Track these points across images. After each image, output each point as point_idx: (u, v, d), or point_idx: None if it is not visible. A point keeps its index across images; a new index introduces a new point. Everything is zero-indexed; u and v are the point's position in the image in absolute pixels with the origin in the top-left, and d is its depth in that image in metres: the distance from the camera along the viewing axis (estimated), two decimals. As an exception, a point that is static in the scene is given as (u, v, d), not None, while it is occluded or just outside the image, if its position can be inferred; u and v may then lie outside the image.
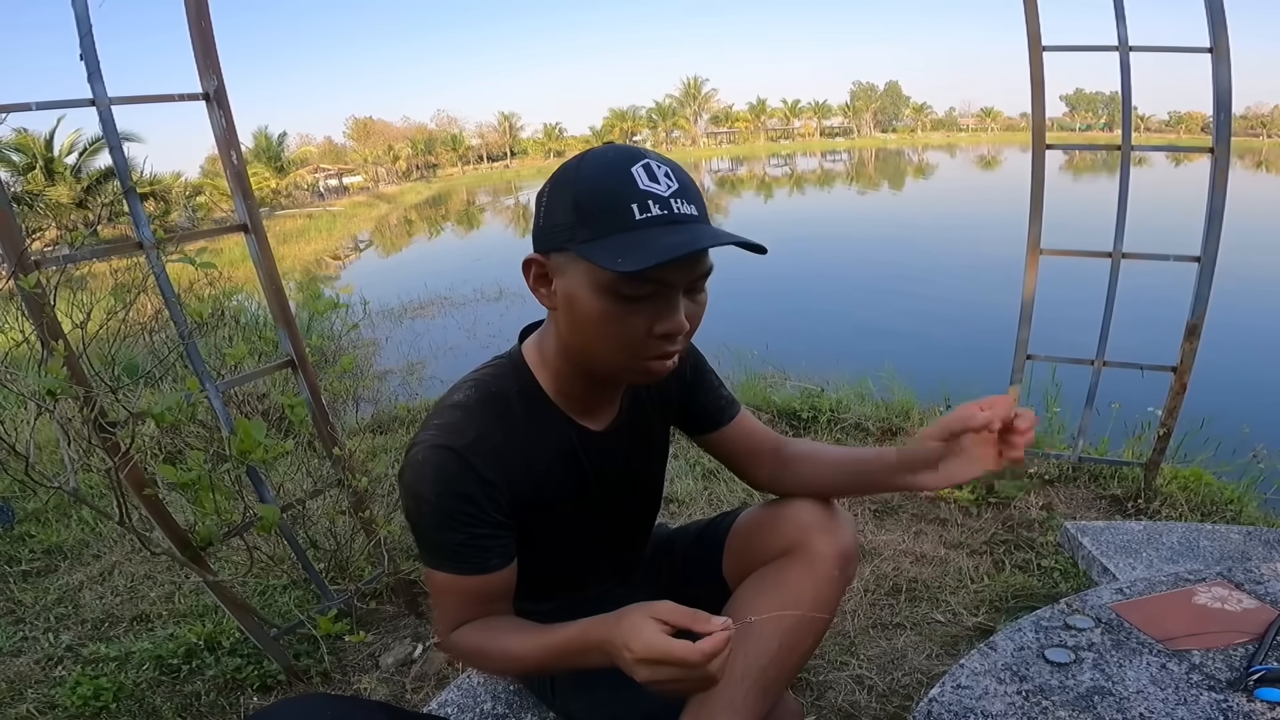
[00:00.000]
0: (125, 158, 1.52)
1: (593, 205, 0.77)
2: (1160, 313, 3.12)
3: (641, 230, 0.75)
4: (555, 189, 0.81)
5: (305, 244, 20.28)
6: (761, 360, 4.92)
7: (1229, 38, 2.03)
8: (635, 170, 0.77)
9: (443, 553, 0.89)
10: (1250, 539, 1.88)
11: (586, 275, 0.78)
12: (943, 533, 2.34)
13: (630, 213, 0.76)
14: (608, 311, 0.79)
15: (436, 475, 0.86)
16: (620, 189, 0.76)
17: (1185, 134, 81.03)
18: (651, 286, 0.78)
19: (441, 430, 0.87)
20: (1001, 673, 0.95)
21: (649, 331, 0.80)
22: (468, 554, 0.89)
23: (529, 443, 0.92)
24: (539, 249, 0.83)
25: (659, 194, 0.77)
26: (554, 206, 0.81)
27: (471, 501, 0.87)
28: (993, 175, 37.58)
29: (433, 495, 0.86)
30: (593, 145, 1.11)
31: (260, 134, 41.75)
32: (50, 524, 2.79)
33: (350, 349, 6.56)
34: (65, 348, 1.38)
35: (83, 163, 23.14)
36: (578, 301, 0.81)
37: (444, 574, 0.90)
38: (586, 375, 0.92)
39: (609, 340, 0.82)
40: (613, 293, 0.78)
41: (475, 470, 0.86)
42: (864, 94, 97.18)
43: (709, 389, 1.12)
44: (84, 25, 1.39)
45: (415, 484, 0.87)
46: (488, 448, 0.87)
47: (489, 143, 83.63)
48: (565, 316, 0.84)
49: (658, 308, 0.80)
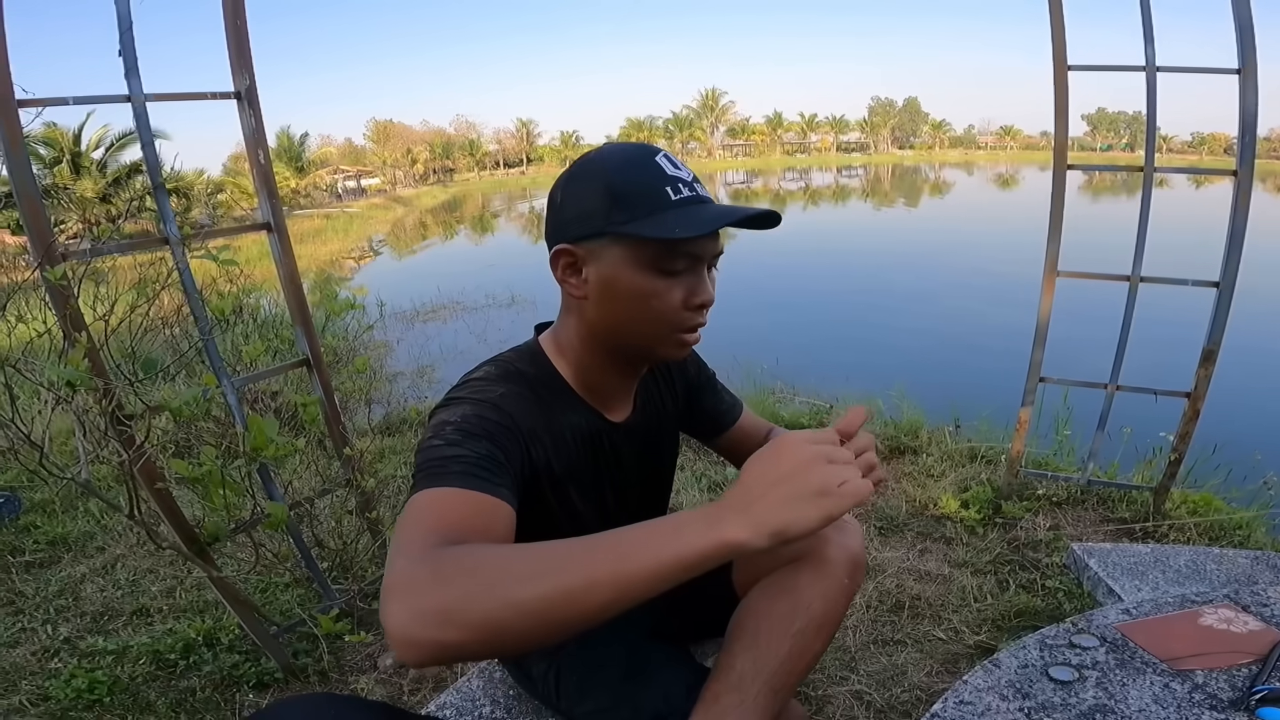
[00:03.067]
0: (156, 154, 1.55)
1: (630, 190, 0.83)
2: (1176, 334, 3.11)
3: (679, 208, 0.83)
4: (577, 182, 0.87)
5: (322, 244, 20.47)
6: (771, 375, 4.92)
7: (1258, 60, 2.02)
8: (659, 160, 0.85)
9: (455, 467, 0.75)
10: (1258, 563, 1.86)
11: (628, 254, 0.84)
12: (947, 551, 2.33)
13: (666, 194, 0.83)
14: (649, 287, 0.85)
15: (465, 410, 0.84)
16: (652, 175, 0.84)
17: (1208, 155, 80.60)
18: (686, 261, 0.85)
19: (466, 392, 0.87)
20: (1005, 689, 0.95)
21: (685, 303, 0.87)
22: (489, 470, 0.77)
23: (552, 419, 0.93)
24: (566, 239, 0.87)
25: (684, 179, 0.85)
26: (580, 197, 0.86)
27: (500, 428, 0.83)
28: (1010, 194, 37.47)
29: (458, 420, 0.82)
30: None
31: (283, 134, 42.16)
32: (56, 515, 2.81)
33: (363, 350, 6.60)
34: (87, 340, 1.40)
35: (109, 157, 23.43)
36: (618, 281, 0.85)
37: (449, 489, 0.73)
38: (609, 364, 0.95)
39: (649, 314, 0.86)
40: (654, 268, 0.84)
41: (505, 411, 0.85)
42: (882, 109, 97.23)
43: (713, 391, 1.18)
44: (124, 22, 1.42)
45: (439, 419, 0.83)
46: (517, 406, 0.87)
47: (506, 149, 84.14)
48: (601, 300, 0.88)
49: (691, 281, 0.87)
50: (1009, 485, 2.58)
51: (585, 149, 1.23)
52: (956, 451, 3.13)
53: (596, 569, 0.58)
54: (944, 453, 3.13)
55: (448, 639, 0.56)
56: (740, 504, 0.63)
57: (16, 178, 1.33)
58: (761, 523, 0.61)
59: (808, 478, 0.62)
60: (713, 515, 0.62)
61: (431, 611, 0.57)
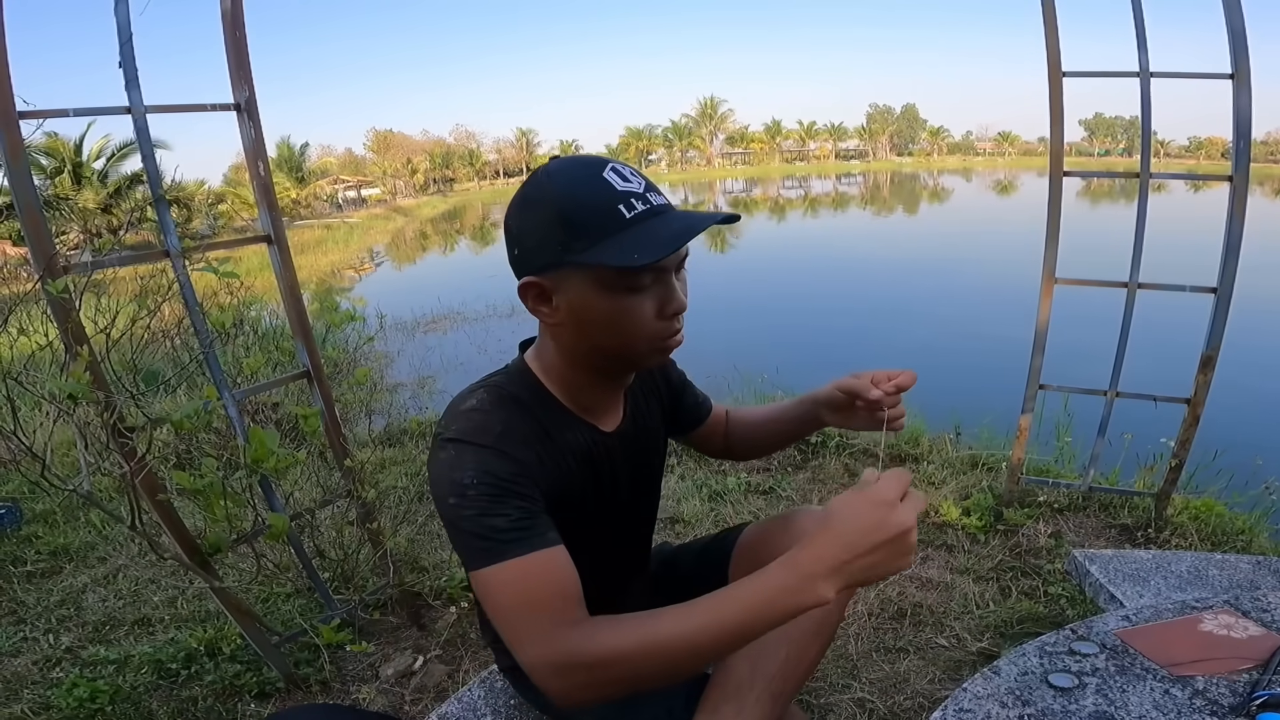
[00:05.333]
0: (157, 166, 1.55)
1: (582, 216, 0.81)
2: (1175, 340, 3.11)
3: (636, 226, 0.81)
4: (526, 213, 0.85)
5: (322, 255, 20.49)
6: (771, 384, 4.91)
7: (1250, 64, 2.02)
8: (607, 175, 0.82)
9: (505, 536, 0.80)
10: (1260, 568, 1.86)
11: (592, 280, 0.83)
12: (950, 558, 2.33)
13: (620, 213, 0.81)
14: (619, 306, 0.84)
15: (474, 462, 0.83)
16: (603, 195, 0.81)
17: (1205, 159, 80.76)
18: (652, 275, 0.84)
19: (464, 432, 0.86)
20: (1005, 696, 0.94)
21: (659, 315, 0.87)
22: (533, 526, 0.81)
23: (550, 440, 0.93)
24: (531, 271, 0.86)
25: (636, 191, 0.83)
26: (533, 229, 0.84)
27: (516, 477, 0.84)
28: (1008, 200, 37.51)
29: (474, 479, 0.82)
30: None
31: (283, 144, 42.32)
32: (58, 526, 2.81)
33: (364, 361, 6.60)
34: (89, 353, 1.41)
35: (110, 167, 23.50)
36: (589, 307, 0.85)
37: (515, 560, 0.79)
38: (595, 379, 0.96)
39: (625, 332, 0.86)
40: (619, 289, 0.83)
41: (511, 455, 0.85)
42: (880, 116, 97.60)
43: (689, 388, 1.23)
44: (124, 33, 1.42)
45: (452, 476, 0.83)
46: (516, 439, 0.87)
47: (505, 158, 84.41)
48: (574, 326, 0.87)
49: (660, 293, 0.86)
50: (1010, 492, 2.58)
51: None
52: (957, 459, 3.13)
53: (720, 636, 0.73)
54: (945, 460, 3.12)
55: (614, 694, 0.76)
56: (837, 562, 0.69)
57: (18, 189, 1.34)
58: (851, 580, 0.70)
59: (905, 542, 0.70)
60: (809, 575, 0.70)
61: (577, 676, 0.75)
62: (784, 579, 0.71)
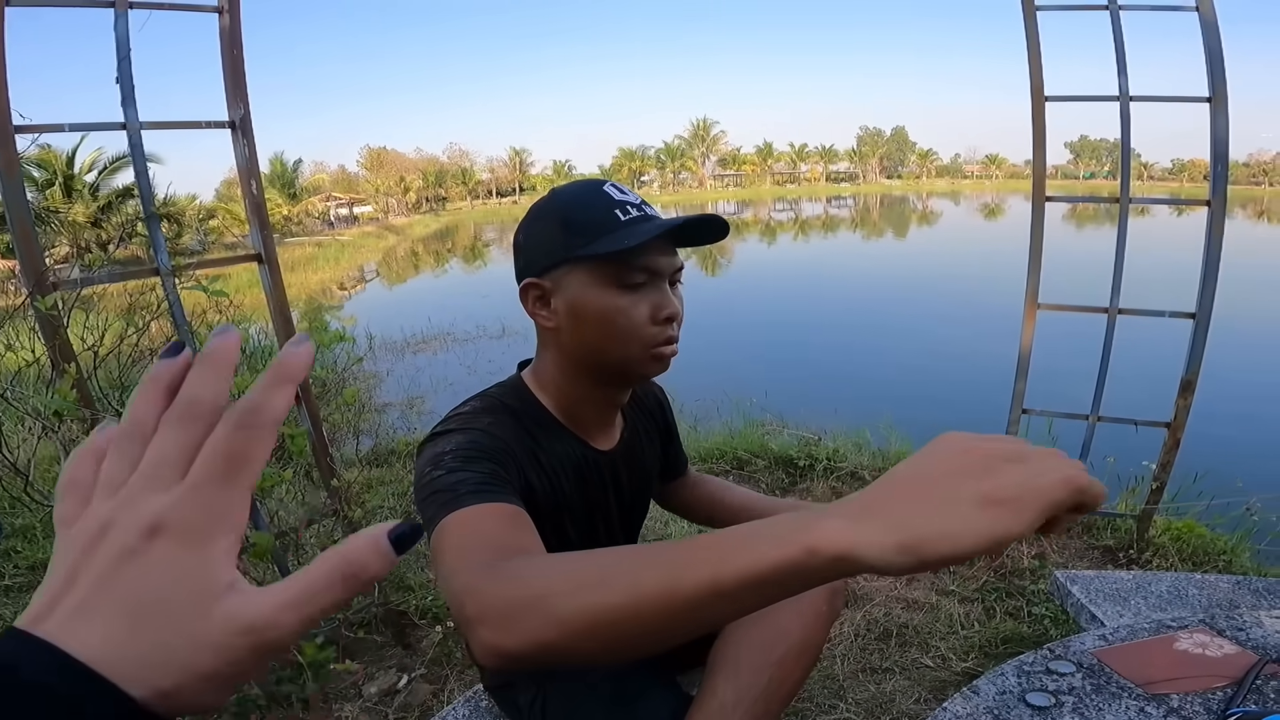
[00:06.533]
0: (150, 183, 1.57)
1: (582, 218, 0.88)
2: (1157, 363, 3.15)
3: (630, 225, 0.88)
4: (534, 223, 0.93)
5: (313, 272, 20.47)
6: (760, 408, 4.92)
7: (1228, 88, 2.05)
8: (607, 189, 0.91)
9: (465, 487, 0.76)
10: (1239, 588, 1.88)
11: (589, 275, 0.88)
12: (935, 580, 2.34)
13: (616, 216, 0.88)
14: (614, 304, 0.88)
15: (458, 439, 0.84)
16: (601, 202, 0.89)
17: (1188, 181, 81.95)
18: (645, 275, 0.89)
19: (452, 424, 0.88)
20: (983, 716, 0.95)
21: (653, 318, 0.90)
22: (499, 486, 0.78)
23: (540, 449, 0.94)
24: (532, 274, 0.92)
25: (632, 202, 0.90)
26: (538, 235, 0.92)
27: (495, 451, 0.84)
28: (994, 225, 37.92)
29: (453, 448, 0.82)
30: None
31: (276, 159, 42.33)
32: (38, 540, 2.78)
33: (352, 381, 6.58)
34: (76, 370, 1.41)
35: (101, 181, 23.42)
36: (585, 304, 0.89)
37: (469, 508, 0.72)
38: (591, 393, 0.97)
39: (619, 333, 0.89)
40: (615, 284, 0.88)
41: (496, 436, 0.86)
42: (870, 139, 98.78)
43: (677, 439, 1.25)
44: (123, 49, 1.44)
45: (433, 453, 0.83)
46: (505, 434, 0.88)
47: (499, 177, 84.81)
48: (572, 326, 0.90)
49: (654, 296, 0.90)
50: (995, 513, 2.58)
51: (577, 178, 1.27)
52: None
53: (696, 568, 0.47)
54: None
55: (546, 638, 0.51)
56: (874, 501, 0.44)
57: (11, 204, 1.35)
58: (894, 528, 0.42)
59: (983, 476, 0.43)
60: (823, 516, 0.44)
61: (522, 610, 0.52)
62: (781, 519, 0.46)
